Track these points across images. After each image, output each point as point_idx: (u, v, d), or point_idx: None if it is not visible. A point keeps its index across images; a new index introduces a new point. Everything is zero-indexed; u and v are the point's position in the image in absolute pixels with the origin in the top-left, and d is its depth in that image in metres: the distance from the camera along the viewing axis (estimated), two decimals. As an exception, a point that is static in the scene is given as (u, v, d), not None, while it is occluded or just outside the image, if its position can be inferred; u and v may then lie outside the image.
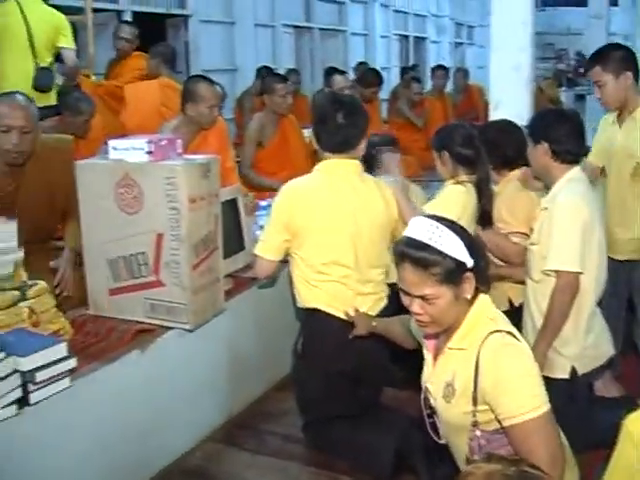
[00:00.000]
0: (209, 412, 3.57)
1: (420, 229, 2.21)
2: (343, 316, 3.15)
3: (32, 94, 5.16)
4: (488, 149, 3.63)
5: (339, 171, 3.19)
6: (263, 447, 3.48)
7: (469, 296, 2.23)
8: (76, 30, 6.63)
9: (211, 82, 4.78)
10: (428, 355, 2.44)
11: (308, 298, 3.20)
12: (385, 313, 3.25)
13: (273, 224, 3.20)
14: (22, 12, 5.31)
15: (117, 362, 3.02)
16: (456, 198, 3.53)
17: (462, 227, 2.32)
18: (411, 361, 2.96)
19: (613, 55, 3.74)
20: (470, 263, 2.20)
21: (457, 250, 2.18)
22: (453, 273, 2.19)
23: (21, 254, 3.14)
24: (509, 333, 2.21)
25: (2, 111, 3.42)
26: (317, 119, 3.25)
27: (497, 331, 2.20)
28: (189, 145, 4.41)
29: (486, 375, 2.15)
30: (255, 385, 3.91)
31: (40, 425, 2.65)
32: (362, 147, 3.24)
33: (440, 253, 2.17)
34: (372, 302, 3.23)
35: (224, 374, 3.65)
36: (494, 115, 4.81)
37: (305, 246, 3.15)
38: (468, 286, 2.22)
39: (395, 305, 3.23)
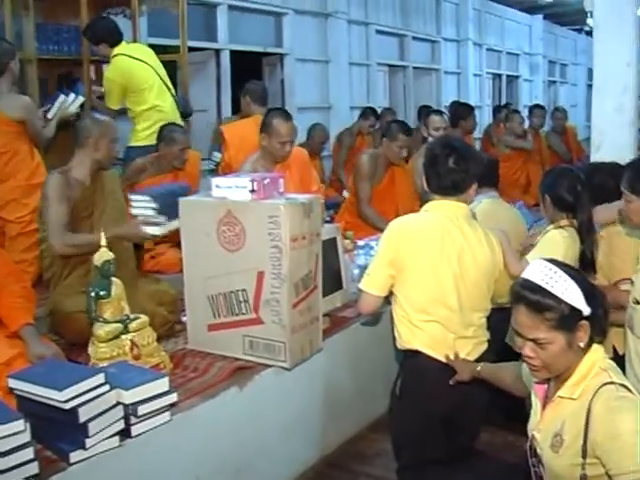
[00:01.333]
0: (302, 450, 3.56)
1: (537, 272, 2.17)
2: (443, 359, 3.11)
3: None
4: (594, 193, 3.56)
5: (447, 212, 3.17)
6: (356, 488, 3.45)
7: (583, 344, 2.17)
8: (175, 68, 6.84)
9: (288, 118, 4.76)
10: (537, 402, 2.38)
11: (409, 339, 3.16)
12: (485, 357, 3.19)
13: (380, 259, 3.17)
14: (137, 59, 5.53)
15: (216, 398, 3.05)
16: (557, 243, 3.48)
17: (582, 274, 2.27)
18: (509, 404, 2.90)
19: None
20: (587, 311, 2.14)
21: (573, 296, 2.12)
22: (568, 319, 2.13)
23: (122, 287, 3.23)
24: (623, 386, 2.13)
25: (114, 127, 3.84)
26: (428, 162, 3.23)
27: (611, 383, 2.12)
28: None
29: (598, 428, 2.08)
30: (349, 425, 3.88)
31: (140, 458, 2.69)
32: (472, 192, 3.24)
33: (555, 298, 2.12)
34: (472, 346, 3.17)
35: (319, 413, 3.65)
36: (595, 157, 4.72)
37: (409, 284, 3.12)
38: (583, 334, 2.16)
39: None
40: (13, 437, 2.33)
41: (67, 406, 2.46)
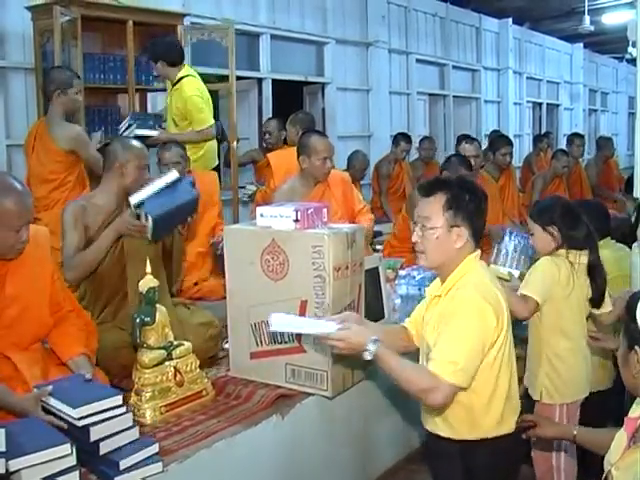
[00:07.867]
0: (342, 480, 3.56)
1: None
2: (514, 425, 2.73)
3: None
4: None
5: (483, 264, 2.78)
6: (395, 520, 3.44)
7: None
8: (216, 98, 6.94)
9: (324, 135, 4.77)
10: (623, 437, 2.14)
11: (487, 430, 2.67)
12: None
13: (473, 346, 2.54)
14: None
15: (257, 426, 3.06)
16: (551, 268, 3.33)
17: None
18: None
19: None
20: None
21: None
22: None
23: (165, 314, 3.26)
24: None
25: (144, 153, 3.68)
26: (474, 208, 2.66)
27: None
28: (307, 198, 4.45)
29: None
30: (388, 455, 3.86)
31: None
32: None
33: None
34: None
35: (359, 442, 3.63)
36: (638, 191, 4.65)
37: (494, 367, 2.63)
38: None
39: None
40: (59, 460, 2.36)
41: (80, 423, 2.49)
